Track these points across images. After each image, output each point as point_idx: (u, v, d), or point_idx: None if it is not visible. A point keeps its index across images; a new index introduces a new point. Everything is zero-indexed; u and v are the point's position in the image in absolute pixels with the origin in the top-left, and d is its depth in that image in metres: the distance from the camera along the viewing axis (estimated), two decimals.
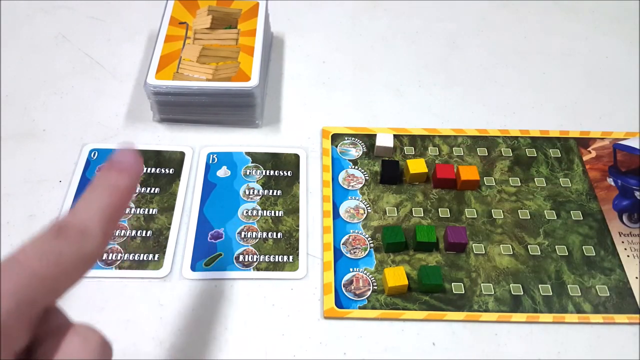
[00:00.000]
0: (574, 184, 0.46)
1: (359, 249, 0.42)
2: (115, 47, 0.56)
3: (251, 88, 0.47)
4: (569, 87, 0.54)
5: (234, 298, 0.39)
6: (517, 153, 0.48)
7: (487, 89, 0.54)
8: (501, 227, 0.43)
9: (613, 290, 0.40)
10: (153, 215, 0.43)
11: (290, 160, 0.47)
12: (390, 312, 0.39)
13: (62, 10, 0.60)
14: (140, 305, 0.39)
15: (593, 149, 0.49)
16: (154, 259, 0.41)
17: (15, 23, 0.58)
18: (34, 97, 0.51)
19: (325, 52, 0.57)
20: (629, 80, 0.55)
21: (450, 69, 0.56)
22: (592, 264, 0.42)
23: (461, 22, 0.61)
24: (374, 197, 0.45)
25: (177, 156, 0.47)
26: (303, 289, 0.40)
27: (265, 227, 0.43)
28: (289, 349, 0.37)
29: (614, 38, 0.60)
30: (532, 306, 0.39)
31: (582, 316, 0.39)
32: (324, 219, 0.43)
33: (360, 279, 0.40)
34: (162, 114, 0.49)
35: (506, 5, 0.63)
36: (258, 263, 0.41)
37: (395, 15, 0.61)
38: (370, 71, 0.55)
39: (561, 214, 0.44)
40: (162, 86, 0.46)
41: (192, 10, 0.53)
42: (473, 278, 0.41)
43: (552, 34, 0.60)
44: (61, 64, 0.54)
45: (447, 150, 0.48)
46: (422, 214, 0.44)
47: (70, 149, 0.47)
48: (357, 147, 0.48)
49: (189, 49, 0.49)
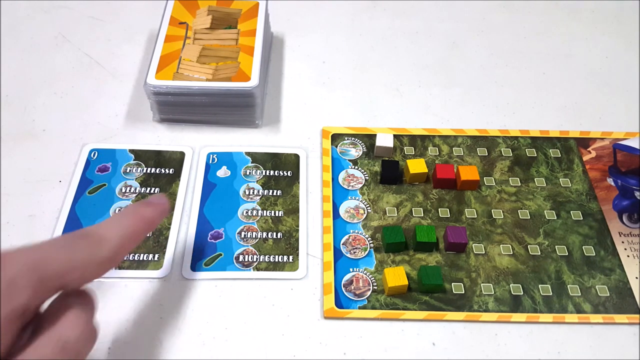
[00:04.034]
0: (574, 184, 0.46)
1: (359, 249, 0.42)
2: (115, 47, 0.56)
3: (251, 88, 0.47)
4: (569, 87, 0.54)
5: (234, 298, 0.39)
6: (517, 153, 0.48)
7: (487, 89, 0.54)
8: (501, 227, 0.43)
9: (613, 290, 0.40)
10: None
11: (290, 160, 0.47)
12: (390, 312, 0.39)
13: (62, 10, 0.60)
14: (140, 305, 0.39)
15: (593, 149, 0.49)
16: (154, 259, 0.41)
17: (15, 23, 0.58)
18: (34, 97, 0.51)
19: (325, 52, 0.57)
20: (629, 80, 0.55)
21: (450, 69, 0.56)
22: (592, 264, 0.42)
23: (461, 22, 0.61)
24: (374, 197, 0.45)
25: (177, 156, 0.47)
26: (303, 289, 0.40)
27: (265, 227, 0.43)
28: (289, 349, 0.37)
29: (614, 38, 0.60)
30: (532, 306, 0.39)
31: (582, 316, 0.39)
32: (324, 219, 0.43)
33: (360, 279, 0.40)
34: (162, 114, 0.49)
35: (506, 5, 0.63)
36: (258, 263, 0.41)
37: (395, 15, 0.61)
38: (370, 71, 0.55)
39: (561, 214, 0.44)
40: (162, 86, 0.46)
41: (192, 10, 0.53)
42: (473, 278, 0.41)
43: (552, 34, 0.60)
44: (61, 64, 0.54)
45: (447, 150, 0.48)
46: (422, 214, 0.44)
47: (70, 149, 0.47)
48: (357, 147, 0.48)
49: (189, 49, 0.49)
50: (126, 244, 0.30)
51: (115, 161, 0.46)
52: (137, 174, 0.46)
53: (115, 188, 0.45)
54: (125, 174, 0.46)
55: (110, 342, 0.37)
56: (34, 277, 0.26)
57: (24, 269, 0.25)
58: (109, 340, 0.37)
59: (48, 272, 0.26)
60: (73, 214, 0.43)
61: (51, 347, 0.26)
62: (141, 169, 0.46)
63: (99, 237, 0.29)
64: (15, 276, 0.25)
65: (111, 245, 0.29)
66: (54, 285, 0.27)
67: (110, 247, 0.29)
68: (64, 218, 0.43)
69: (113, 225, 0.30)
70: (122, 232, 0.30)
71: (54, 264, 0.27)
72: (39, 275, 0.26)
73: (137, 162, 0.46)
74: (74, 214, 0.43)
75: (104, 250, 0.29)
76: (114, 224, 0.30)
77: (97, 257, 0.28)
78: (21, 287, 0.25)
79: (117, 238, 0.30)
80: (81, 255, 0.28)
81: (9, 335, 0.25)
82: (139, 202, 0.34)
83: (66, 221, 0.42)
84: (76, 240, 0.28)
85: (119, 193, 0.44)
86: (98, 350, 0.36)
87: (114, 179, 0.45)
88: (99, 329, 0.29)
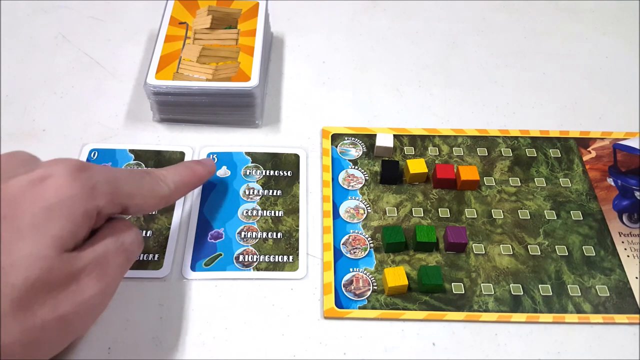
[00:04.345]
0: (574, 184, 0.46)
1: (359, 249, 0.42)
2: (115, 47, 0.56)
3: (251, 88, 0.47)
4: (569, 87, 0.54)
5: (234, 298, 0.39)
6: (517, 153, 0.48)
7: (487, 89, 0.54)
8: (501, 227, 0.43)
9: (613, 290, 0.40)
10: (153, 216, 0.43)
11: (290, 160, 0.47)
12: (390, 312, 0.39)
13: (62, 10, 0.60)
14: (140, 305, 0.39)
15: (593, 149, 0.49)
16: (154, 259, 0.41)
17: (15, 23, 0.58)
18: (34, 97, 0.51)
19: (325, 52, 0.57)
20: (629, 80, 0.55)
21: (450, 69, 0.56)
22: (592, 264, 0.42)
23: (461, 22, 0.61)
24: (374, 197, 0.45)
25: (177, 156, 0.47)
26: (303, 289, 0.40)
27: (265, 227, 0.43)
28: (289, 349, 0.37)
29: (614, 38, 0.60)
30: (532, 306, 0.39)
31: (582, 316, 0.39)
32: (324, 219, 0.43)
33: (360, 279, 0.40)
34: (162, 114, 0.49)
35: (506, 5, 0.63)
36: (258, 263, 0.41)
37: (395, 15, 0.61)
38: (370, 71, 0.55)
39: (561, 214, 0.44)
40: (162, 86, 0.46)
41: (192, 10, 0.53)
42: (473, 278, 0.41)
43: (552, 34, 0.60)
44: (61, 64, 0.54)
45: (447, 150, 0.48)
46: (422, 214, 0.44)
47: (70, 149, 0.47)
48: (357, 147, 0.48)
49: (189, 49, 0.49)
50: (180, 189, 0.37)
51: (115, 161, 0.46)
52: None
53: None
54: None
55: (110, 342, 0.37)
56: (111, 189, 0.31)
57: (105, 180, 0.31)
58: (109, 340, 0.37)
59: (122, 190, 0.32)
60: None
61: (113, 244, 0.31)
62: None
63: (158, 176, 0.36)
64: (98, 182, 0.31)
65: (167, 185, 0.36)
66: (122, 203, 0.32)
67: (167, 187, 0.36)
68: None
69: (171, 172, 0.37)
70: (177, 178, 0.37)
71: (127, 186, 0.33)
72: (115, 188, 0.32)
73: (137, 162, 0.46)
74: None
75: (161, 188, 0.35)
76: (172, 171, 0.37)
77: (157, 191, 0.35)
78: (101, 193, 0.30)
79: (172, 182, 0.36)
80: (146, 186, 0.34)
81: (85, 228, 0.30)
82: (192, 160, 0.43)
83: None
84: (143, 174, 0.35)
85: None
86: (98, 350, 0.36)
87: None
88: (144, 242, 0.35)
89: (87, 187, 0.30)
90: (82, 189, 0.30)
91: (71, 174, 0.30)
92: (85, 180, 0.30)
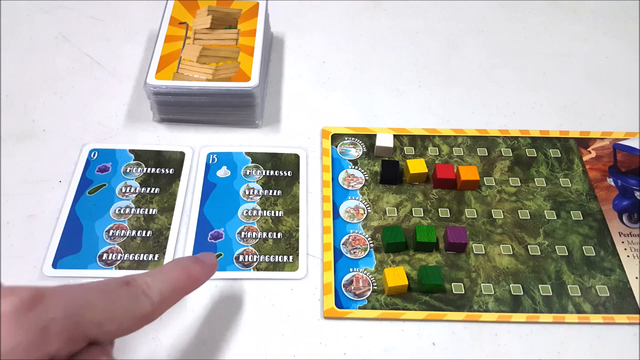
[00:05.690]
0: (574, 184, 0.46)
1: (359, 249, 0.42)
2: (115, 47, 0.56)
3: (251, 88, 0.47)
4: (569, 87, 0.54)
5: (233, 298, 0.39)
6: (517, 153, 0.48)
7: (487, 89, 0.54)
8: (501, 227, 0.43)
9: (613, 290, 0.40)
10: (153, 216, 0.43)
11: (290, 161, 0.47)
12: (390, 312, 0.39)
13: (62, 10, 0.60)
14: None
15: (593, 149, 0.49)
16: (154, 259, 0.41)
17: (15, 23, 0.58)
18: (34, 97, 0.51)
19: (325, 52, 0.57)
20: (629, 80, 0.55)
21: (450, 69, 0.56)
22: (592, 264, 0.42)
23: (461, 22, 0.61)
24: (374, 197, 0.45)
25: (177, 156, 0.47)
26: (303, 289, 0.40)
27: (265, 227, 0.43)
28: (289, 349, 0.37)
29: (614, 38, 0.60)
30: (532, 306, 0.39)
31: (582, 316, 0.39)
32: (324, 219, 0.43)
33: (360, 279, 0.40)
34: (162, 114, 0.49)
35: (506, 5, 0.63)
36: (258, 263, 0.41)
37: (395, 15, 0.61)
38: (370, 71, 0.55)
39: (561, 214, 0.44)
40: (162, 86, 0.46)
41: (192, 10, 0.53)
42: (473, 278, 0.41)
43: (552, 34, 0.60)
44: (61, 64, 0.54)
45: (447, 150, 0.48)
46: (422, 214, 0.44)
47: (70, 149, 0.47)
48: (357, 147, 0.48)
49: (189, 49, 0.49)
50: (168, 300, 0.29)
51: (115, 161, 0.46)
52: (137, 174, 0.46)
53: (115, 188, 0.45)
54: (125, 174, 0.46)
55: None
56: (71, 324, 0.24)
57: (63, 314, 0.24)
58: None
59: (87, 320, 0.25)
60: (73, 214, 0.43)
61: None
62: (141, 169, 0.46)
63: (141, 288, 0.28)
64: (53, 320, 0.24)
65: (153, 300, 0.28)
66: (88, 336, 0.25)
67: (152, 302, 0.28)
68: (64, 218, 0.43)
69: (157, 277, 0.29)
70: (166, 286, 0.29)
71: (95, 311, 0.25)
72: (76, 322, 0.24)
73: (137, 162, 0.46)
74: (74, 214, 0.43)
75: (145, 304, 0.27)
76: (159, 277, 0.29)
77: (136, 311, 0.27)
78: (55, 334, 0.24)
79: (159, 291, 0.28)
80: (122, 306, 0.26)
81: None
82: (188, 257, 0.32)
83: (66, 221, 0.42)
84: (119, 288, 0.27)
85: (119, 193, 0.44)
86: None
87: (114, 179, 0.45)
88: None
89: (35, 331, 0.23)
90: (27, 335, 0.23)
91: (16, 316, 0.23)
92: (33, 322, 0.23)
